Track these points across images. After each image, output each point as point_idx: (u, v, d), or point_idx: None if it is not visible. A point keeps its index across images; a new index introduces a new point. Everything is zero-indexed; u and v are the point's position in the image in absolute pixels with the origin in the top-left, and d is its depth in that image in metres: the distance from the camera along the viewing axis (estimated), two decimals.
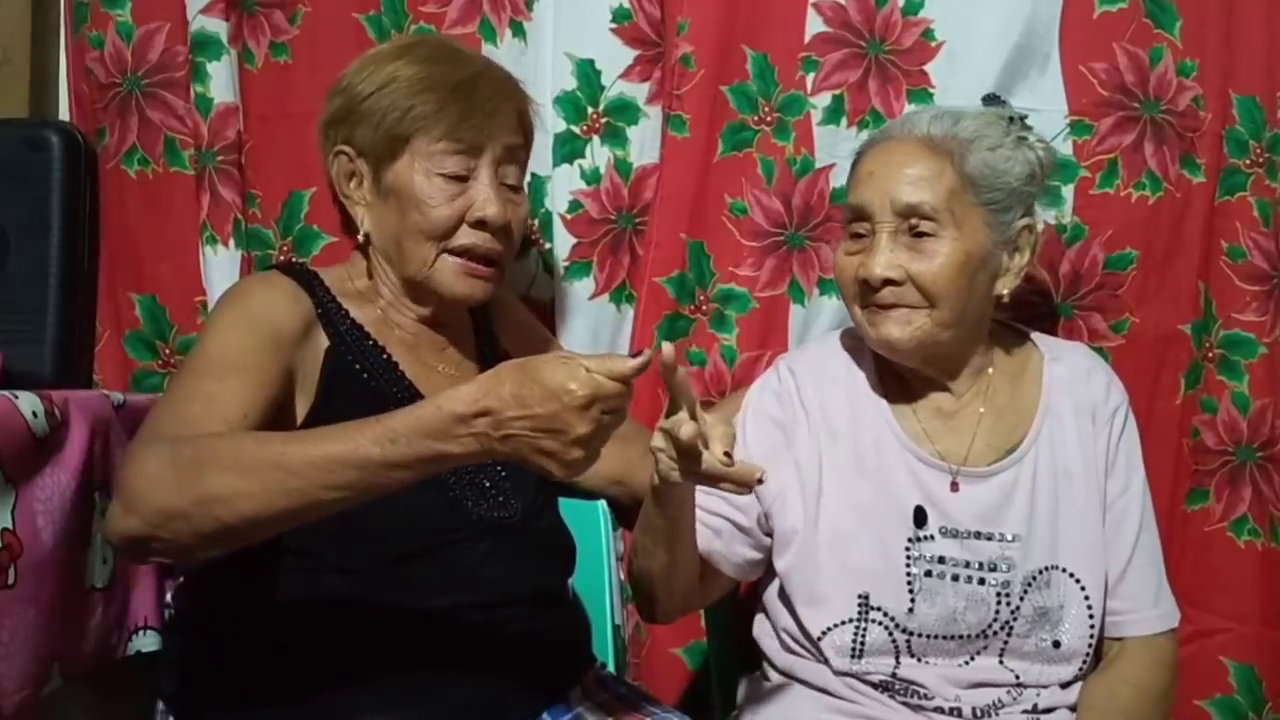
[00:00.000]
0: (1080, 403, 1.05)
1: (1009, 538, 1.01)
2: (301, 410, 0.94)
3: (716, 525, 1.07)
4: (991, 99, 1.12)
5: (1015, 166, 1.01)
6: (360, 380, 0.97)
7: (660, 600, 1.05)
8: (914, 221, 0.98)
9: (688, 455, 0.82)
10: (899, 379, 1.07)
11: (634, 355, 0.77)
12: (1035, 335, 1.12)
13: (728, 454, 0.81)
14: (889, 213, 0.99)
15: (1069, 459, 1.03)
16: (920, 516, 1.02)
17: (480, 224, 0.99)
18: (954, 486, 1.02)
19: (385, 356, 1.00)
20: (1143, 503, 1.04)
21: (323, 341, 0.97)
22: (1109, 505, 1.03)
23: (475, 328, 1.11)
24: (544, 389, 0.74)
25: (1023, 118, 1.05)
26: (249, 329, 0.91)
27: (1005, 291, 1.02)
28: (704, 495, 1.06)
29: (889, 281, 0.99)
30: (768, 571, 1.08)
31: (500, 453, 0.77)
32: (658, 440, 0.85)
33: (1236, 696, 1.31)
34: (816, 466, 1.05)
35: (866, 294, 1.01)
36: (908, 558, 1.01)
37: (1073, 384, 1.06)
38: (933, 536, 1.01)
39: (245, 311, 0.93)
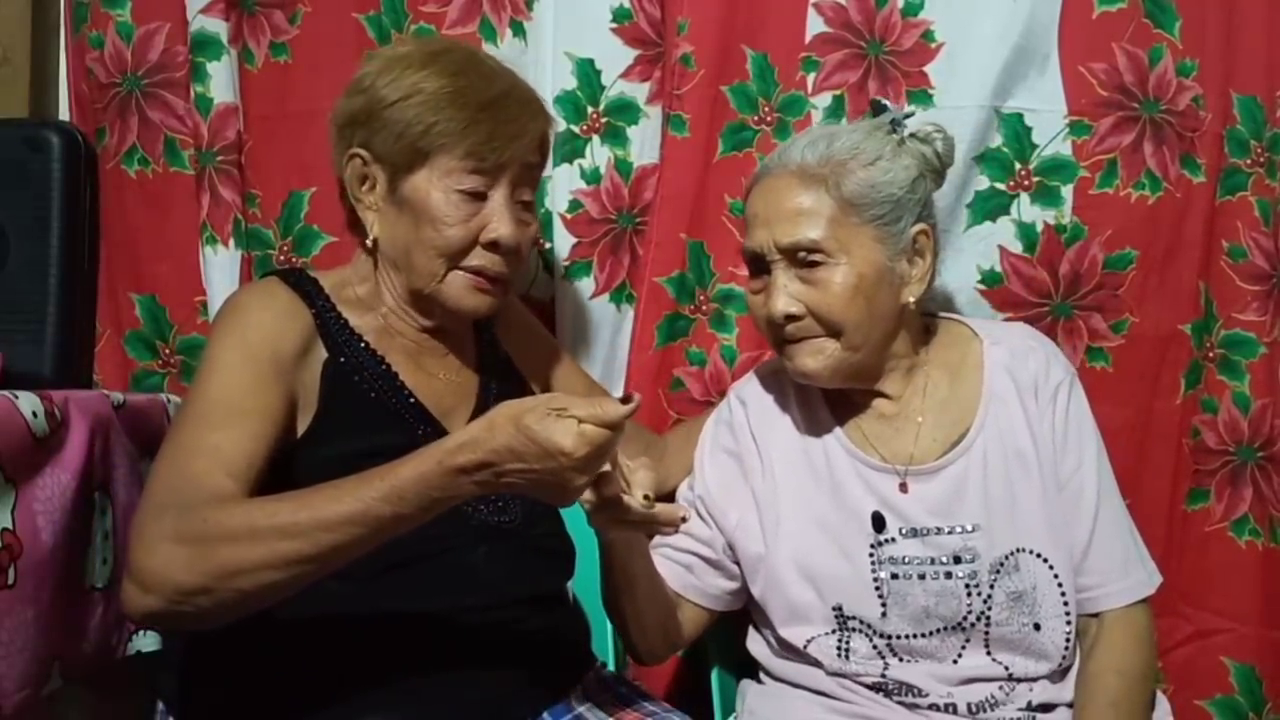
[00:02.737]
0: (1021, 382, 1.04)
1: (969, 528, 1.01)
2: (303, 424, 0.94)
3: (686, 561, 1.08)
4: (876, 105, 1.11)
5: (897, 175, 1.00)
6: (360, 391, 0.97)
7: (637, 643, 1.07)
8: (801, 255, 0.99)
9: (613, 505, 0.83)
10: (840, 392, 1.07)
11: (624, 400, 0.77)
12: (974, 322, 1.12)
13: (647, 497, 0.82)
14: (775, 252, 1.00)
15: (1019, 440, 1.03)
16: (878, 521, 1.02)
17: (493, 245, 0.98)
18: (903, 488, 1.03)
19: (384, 366, 1.00)
20: (1098, 475, 1.03)
21: (321, 354, 0.97)
22: (1064, 483, 1.03)
23: (476, 332, 1.11)
24: (540, 448, 0.75)
25: (908, 115, 1.05)
26: (249, 362, 0.91)
27: (912, 300, 1.02)
28: (677, 536, 1.07)
29: (790, 318, 1.00)
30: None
31: (502, 490, 0.80)
32: (586, 495, 0.86)
33: (1237, 697, 1.31)
34: (773, 491, 1.06)
35: (776, 331, 1.02)
36: (873, 563, 1.01)
37: (1013, 365, 1.05)
38: (894, 539, 1.01)
39: (244, 341, 0.92)
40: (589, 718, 1.00)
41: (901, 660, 1.01)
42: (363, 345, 1.00)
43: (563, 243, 1.31)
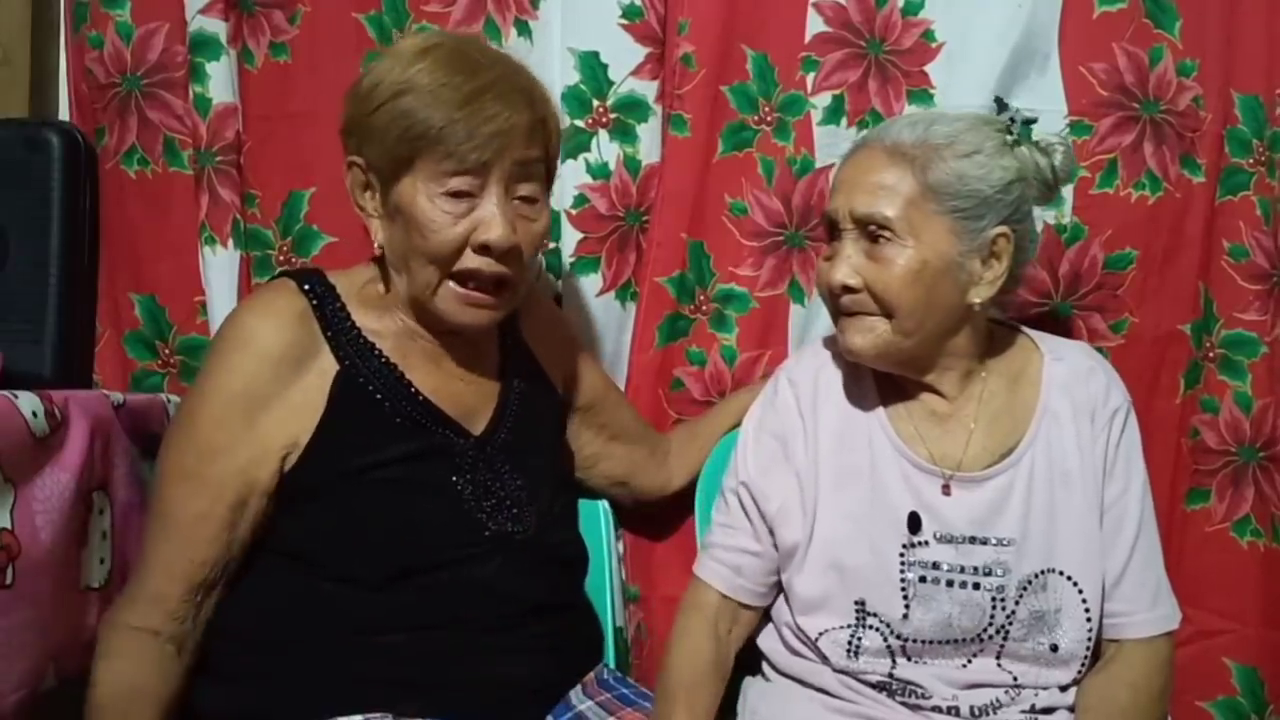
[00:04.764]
0: (1079, 403, 1.04)
1: (1004, 541, 1.00)
2: (305, 436, 0.94)
3: (736, 562, 1.06)
4: (1000, 103, 1.10)
5: (991, 173, 0.98)
6: (373, 401, 0.96)
7: None
8: (872, 230, 0.98)
9: None
10: (893, 381, 1.06)
11: None
12: (1037, 335, 1.11)
13: None
14: (849, 220, 0.99)
15: (1067, 460, 1.02)
16: (914, 522, 1.01)
17: (484, 249, 0.94)
18: (946, 490, 1.02)
19: (397, 374, 0.98)
20: (1142, 505, 1.03)
21: (331, 365, 0.96)
22: (1107, 508, 1.02)
23: (501, 330, 1.09)
24: None
25: (1029, 121, 1.03)
26: (241, 411, 0.92)
27: (978, 301, 1.00)
28: (723, 533, 1.07)
29: (848, 289, 0.99)
30: None
31: None
32: None
33: (1239, 698, 1.31)
34: (814, 475, 1.05)
35: (834, 300, 1.02)
36: (902, 564, 1.00)
37: (1072, 384, 1.05)
38: (927, 542, 1.01)
39: (244, 391, 0.93)
40: (590, 717, 1.00)
41: (910, 661, 1.01)
42: (375, 352, 0.98)
43: (569, 238, 1.30)
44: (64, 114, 1.37)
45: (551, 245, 1.31)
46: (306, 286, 0.99)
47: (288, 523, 0.95)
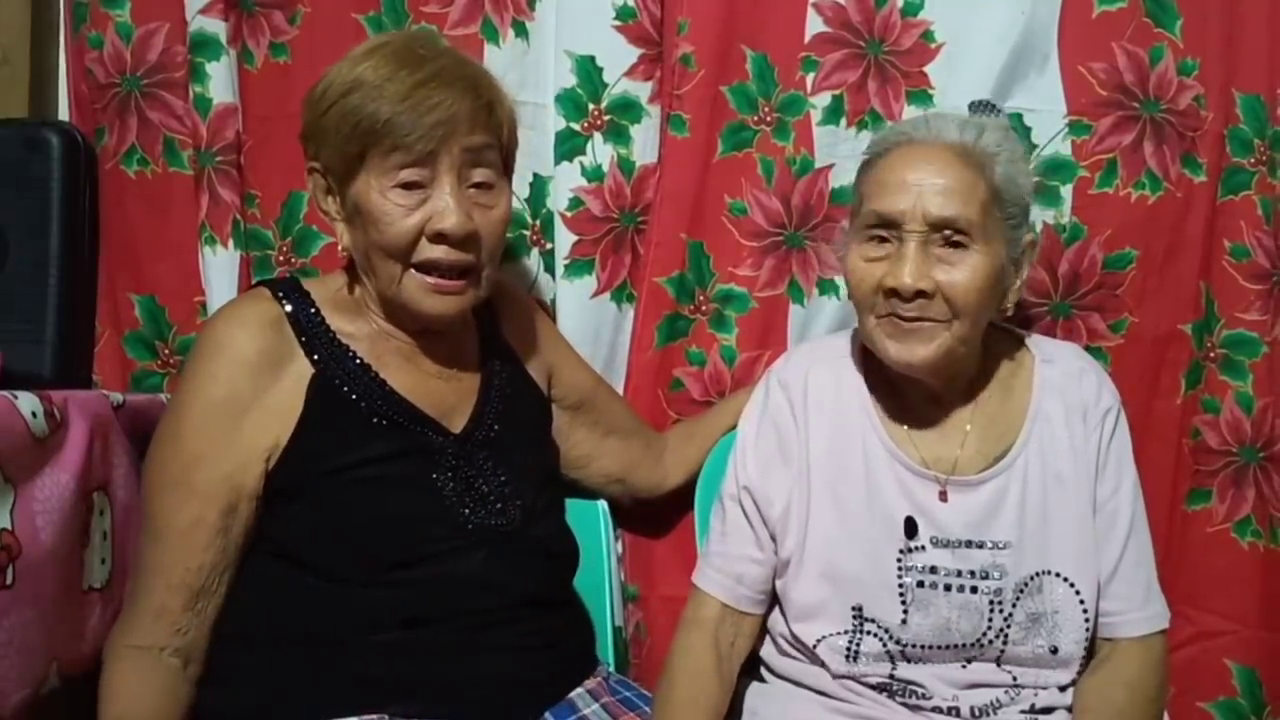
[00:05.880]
0: (1071, 404, 1.04)
1: (1000, 545, 1.00)
2: (285, 438, 0.94)
3: (737, 570, 1.05)
4: (984, 105, 1.10)
5: (1029, 181, 1.00)
6: (349, 404, 0.97)
7: None
8: (947, 233, 0.96)
9: None
10: (888, 385, 1.06)
11: None
12: (1028, 337, 1.11)
13: None
14: (920, 223, 0.96)
15: (1059, 462, 1.02)
16: (910, 527, 1.01)
17: (440, 237, 0.95)
18: (943, 496, 1.01)
19: (372, 375, 0.99)
20: (1133, 504, 1.03)
21: (306, 370, 0.97)
22: (1099, 508, 1.02)
23: (479, 328, 1.10)
24: None
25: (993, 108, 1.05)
26: (224, 417, 0.93)
27: (1009, 306, 1.02)
28: (723, 541, 1.06)
29: (921, 293, 0.95)
30: None
31: None
32: None
33: (1239, 699, 1.31)
34: (806, 479, 1.04)
35: (891, 304, 0.97)
36: (899, 569, 1.00)
37: (1064, 385, 1.05)
38: (924, 547, 1.00)
39: (225, 401, 0.94)
40: None
41: (910, 663, 1.01)
42: (350, 355, 0.99)
43: (563, 240, 1.30)
44: (64, 114, 1.37)
45: (548, 247, 1.31)
46: (280, 294, 1.00)
47: (273, 524, 0.95)
